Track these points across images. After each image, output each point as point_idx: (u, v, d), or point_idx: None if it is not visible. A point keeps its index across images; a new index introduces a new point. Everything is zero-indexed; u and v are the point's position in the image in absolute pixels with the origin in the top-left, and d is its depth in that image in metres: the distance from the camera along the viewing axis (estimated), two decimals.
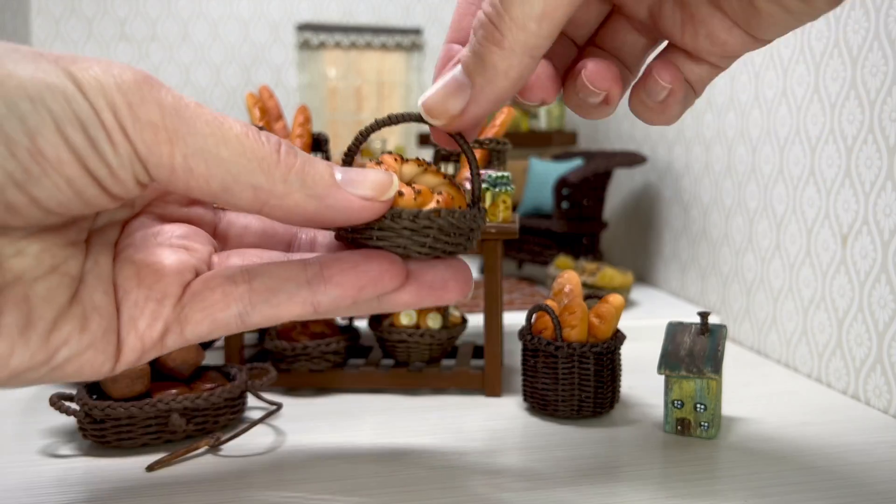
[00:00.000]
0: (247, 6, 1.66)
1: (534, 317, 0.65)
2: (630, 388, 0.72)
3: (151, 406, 0.56)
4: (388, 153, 0.48)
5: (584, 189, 1.14)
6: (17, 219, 0.24)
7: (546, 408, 0.63)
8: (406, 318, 0.73)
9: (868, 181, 0.68)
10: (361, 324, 0.86)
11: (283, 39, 1.70)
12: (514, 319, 0.90)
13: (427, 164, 0.48)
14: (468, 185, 0.71)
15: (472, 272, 1.35)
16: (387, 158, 0.48)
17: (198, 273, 0.30)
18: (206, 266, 0.31)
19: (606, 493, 0.50)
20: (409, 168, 0.47)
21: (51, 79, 0.22)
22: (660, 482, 0.52)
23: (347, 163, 0.33)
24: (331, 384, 0.71)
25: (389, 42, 1.73)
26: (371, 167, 0.28)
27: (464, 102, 0.31)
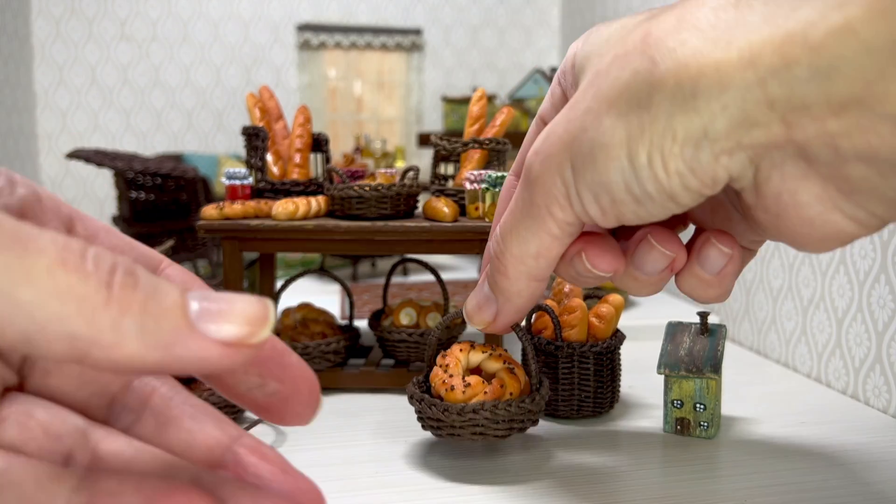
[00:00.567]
0: (247, 7, 1.66)
1: (533, 316, 0.65)
2: (630, 388, 0.72)
3: None
4: (457, 341, 0.56)
5: None
6: None
7: (546, 407, 0.63)
8: (406, 318, 0.73)
9: None
10: (362, 323, 0.86)
11: (284, 40, 1.70)
12: None
13: (492, 350, 0.54)
14: (468, 185, 0.72)
15: (473, 272, 1.32)
16: (454, 349, 0.54)
17: None
18: None
19: (606, 493, 0.50)
20: (476, 355, 0.54)
21: None
22: (659, 482, 0.52)
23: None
24: (331, 384, 0.71)
25: (389, 42, 1.73)
26: (242, 294, 0.20)
27: (493, 314, 0.35)
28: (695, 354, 0.60)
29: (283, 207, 0.70)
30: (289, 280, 0.72)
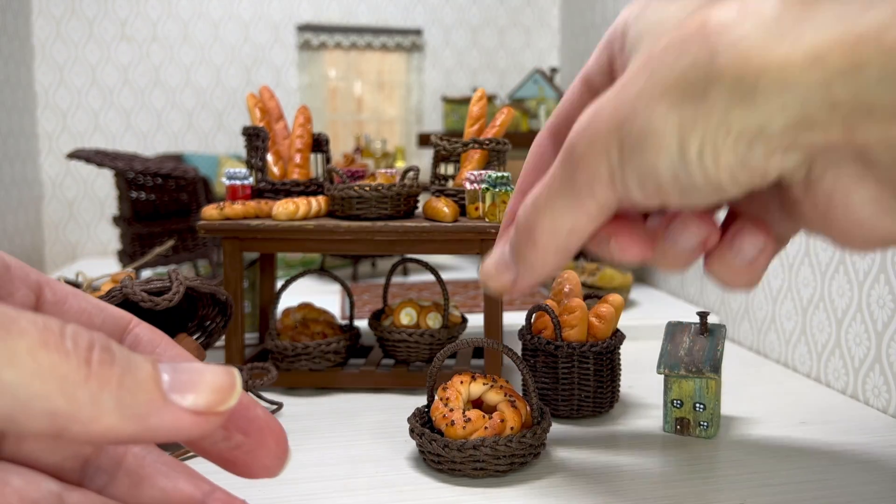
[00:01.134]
0: (247, 7, 1.67)
1: (533, 316, 0.66)
2: (629, 388, 0.72)
3: None
4: (458, 372, 0.56)
5: None
6: None
7: (546, 405, 0.63)
8: (406, 318, 0.73)
9: None
10: (362, 323, 0.86)
11: (284, 40, 1.70)
12: (514, 319, 0.90)
13: (493, 381, 0.54)
14: (468, 185, 0.72)
15: (473, 272, 1.32)
16: (455, 381, 0.54)
17: None
18: None
19: (606, 492, 0.50)
20: (477, 387, 0.54)
21: None
22: (659, 481, 0.52)
23: None
24: (331, 383, 0.72)
25: (389, 43, 1.73)
26: (210, 365, 0.21)
27: (511, 278, 0.35)
28: (694, 354, 0.60)
29: (284, 207, 0.70)
30: (289, 280, 0.73)
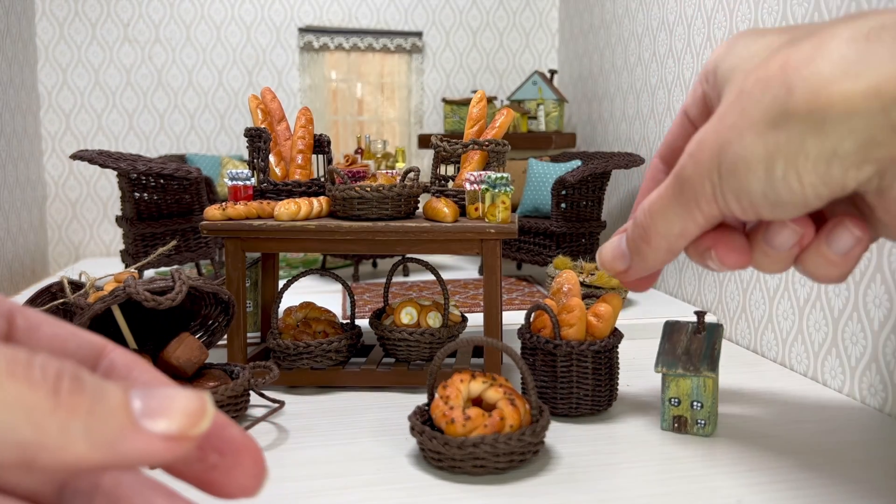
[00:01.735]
0: (249, 9, 1.68)
1: (532, 315, 0.66)
2: (627, 386, 0.73)
3: None
4: (458, 371, 0.56)
5: (583, 189, 1.15)
6: None
7: (545, 403, 0.63)
8: (407, 318, 0.74)
9: None
10: (363, 322, 0.87)
11: (286, 42, 1.71)
12: (514, 318, 0.90)
13: (492, 380, 0.55)
14: (468, 186, 0.72)
15: (473, 272, 1.33)
16: (455, 380, 0.54)
17: None
18: None
19: (604, 490, 0.51)
20: (477, 385, 0.55)
21: None
22: (657, 479, 0.52)
23: None
24: (332, 382, 0.72)
25: (390, 45, 1.74)
26: (181, 387, 0.21)
27: (624, 267, 0.41)
28: (692, 353, 0.60)
29: (286, 208, 0.71)
30: (291, 280, 0.73)
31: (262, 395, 0.65)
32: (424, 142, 1.58)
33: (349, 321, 0.78)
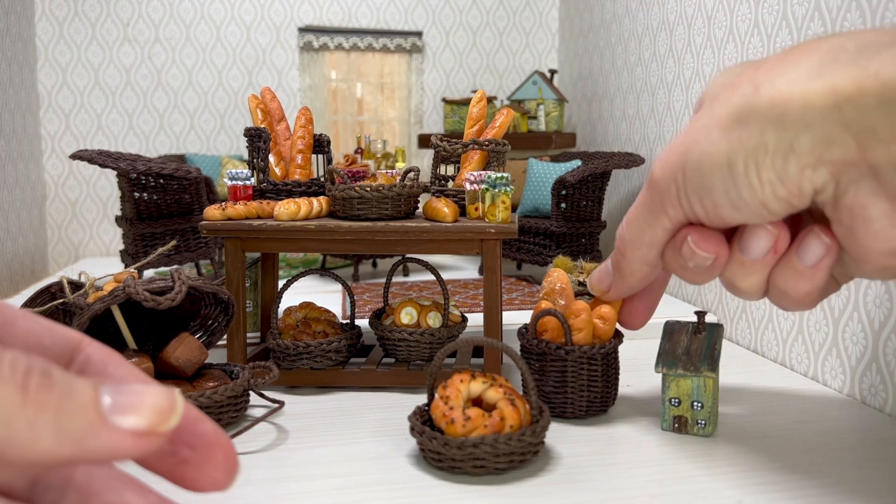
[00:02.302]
0: (249, 9, 1.67)
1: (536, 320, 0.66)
2: (627, 386, 0.73)
3: None
4: (458, 371, 0.56)
5: (583, 189, 1.15)
6: None
7: (553, 410, 0.63)
8: (407, 318, 0.74)
9: None
10: (363, 323, 0.87)
11: (286, 42, 1.71)
12: (514, 318, 0.90)
13: (492, 380, 0.55)
14: (468, 186, 0.72)
15: (473, 272, 1.33)
16: (455, 380, 0.54)
17: None
18: None
19: (604, 490, 0.51)
20: (476, 385, 0.55)
21: None
22: (657, 479, 0.52)
23: None
24: (332, 382, 0.72)
25: (390, 44, 1.74)
26: (152, 383, 0.21)
27: (608, 286, 0.45)
28: (692, 353, 0.60)
29: (285, 208, 0.70)
30: (291, 280, 0.73)
31: (262, 396, 0.65)
32: (424, 142, 1.58)
33: (349, 321, 0.78)
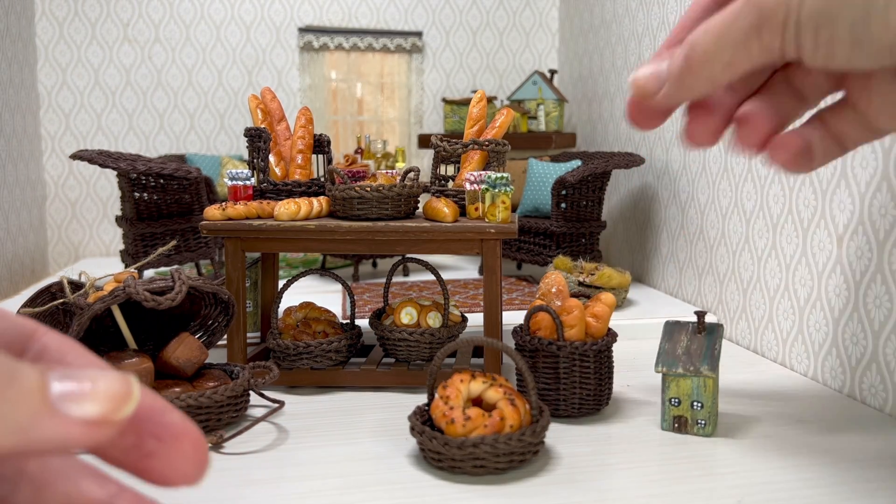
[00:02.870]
0: (249, 9, 1.68)
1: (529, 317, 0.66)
2: (627, 387, 0.73)
3: None
4: (458, 371, 0.56)
5: (583, 189, 1.15)
6: None
7: (547, 405, 0.63)
8: (407, 318, 0.74)
9: (863, 181, 0.69)
10: (363, 322, 0.87)
11: (286, 42, 1.71)
12: (514, 318, 0.90)
13: (492, 380, 0.55)
14: (468, 186, 0.72)
15: (473, 272, 1.33)
16: (455, 380, 0.54)
17: None
18: None
19: (604, 490, 0.51)
20: (477, 385, 0.55)
21: None
22: (657, 479, 0.52)
23: None
24: (332, 382, 0.72)
25: (390, 45, 1.74)
26: (107, 369, 0.20)
27: (657, 88, 0.38)
28: (692, 353, 0.60)
29: (285, 208, 0.70)
30: (291, 280, 0.73)
31: (262, 395, 0.65)
32: (424, 142, 1.58)
33: (349, 321, 0.78)
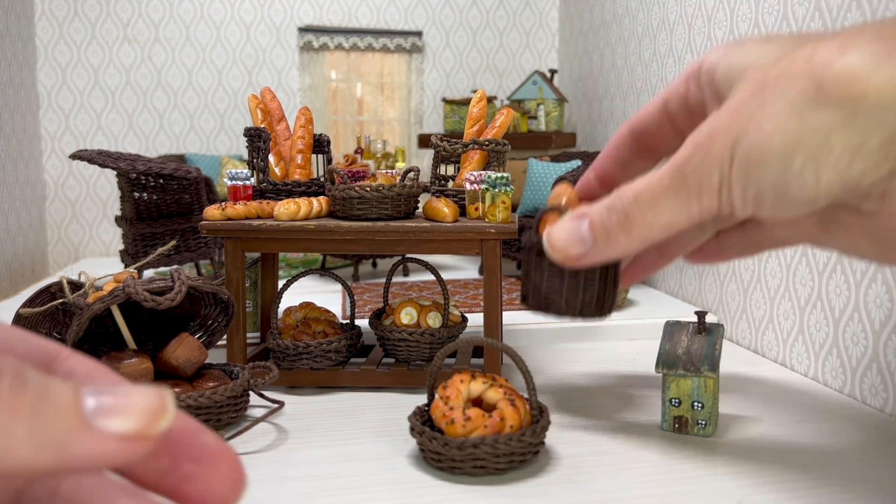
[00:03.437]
0: (249, 9, 1.67)
1: (539, 221, 0.63)
2: (628, 387, 0.73)
3: None
4: (458, 371, 0.55)
5: None
6: None
7: (549, 308, 0.61)
8: (407, 318, 0.74)
9: None
10: (363, 323, 0.87)
11: (285, 42, 1.71)
12: (514, 318, 0.90)
13: (493, 380, 0.55)
14: (468, 186, 0.72)
15: (473, 272, 1.32)
16: (455, 380, 0.54)
17: None
18: None
19: (604, 490, 0.51)
20: (477, 385, 0.55)
21: None
22: (657, 480, 0.52)
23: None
24: (332, 382, 0.72)
25: (390, 44, 1.73)
26: (139, 387, 0.19)
27: (582, 251, 0.39)
28: (692, 353, 0.60)
29: (285, 208, 0.70)
30: (291, 279, 0.73)
31: (262, 396, 0.65)
32: (424, 142, 1.58)
33: (349, 321, 0.78)
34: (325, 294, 1.10)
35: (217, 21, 1.67)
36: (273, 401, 0.65)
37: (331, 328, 0.76)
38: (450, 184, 0.77)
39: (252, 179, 0.77)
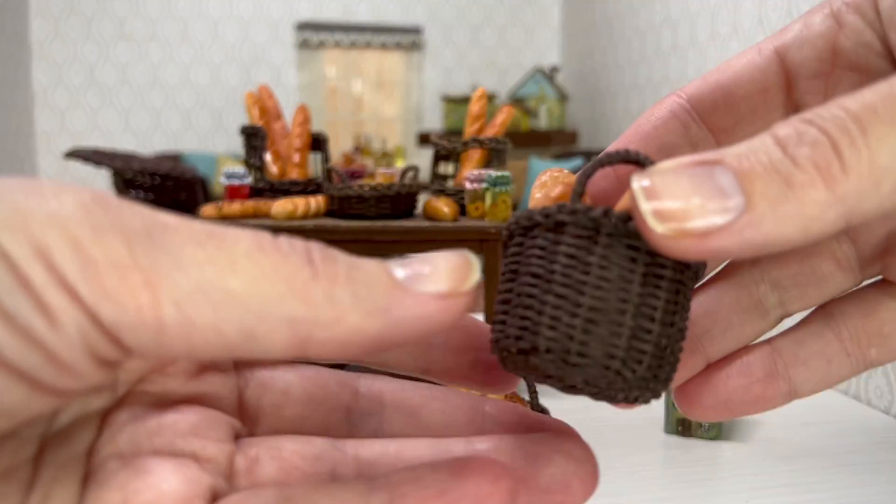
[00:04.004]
0: (246, 6, 1.66)
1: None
2: None
3: None
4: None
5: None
6: None
7: (568, 362, 0.61)
8: None
9: None
10: None
11: (283, 39, 1.69)
12: None
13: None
14: (469, 185, 0.71)
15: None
16: None
17: (214, 496, 0.19)
18: (226, 479, 0.20)
19: (608, 494, 0.50)
20: None
21: None
22: (661, 483, 0.52)
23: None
24: None
25: (389, 41, 1.72)
26: (437, 253, 0.19)
27: (725, 219, 0.18)
28: None
29: (282, 207, 0.69)
30: None
31: None
32: (424, 140, 1.57)
33: None
34: None
35: (214, 18, 1.66)
36: None
37: None
38: (449, 183, 0.77)
39: (249, 178, 0.76)
